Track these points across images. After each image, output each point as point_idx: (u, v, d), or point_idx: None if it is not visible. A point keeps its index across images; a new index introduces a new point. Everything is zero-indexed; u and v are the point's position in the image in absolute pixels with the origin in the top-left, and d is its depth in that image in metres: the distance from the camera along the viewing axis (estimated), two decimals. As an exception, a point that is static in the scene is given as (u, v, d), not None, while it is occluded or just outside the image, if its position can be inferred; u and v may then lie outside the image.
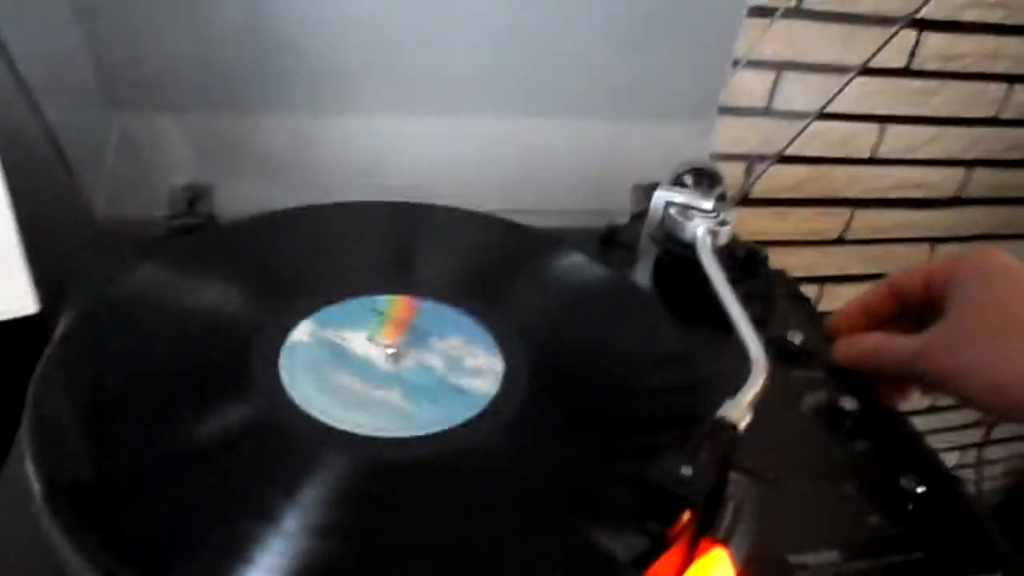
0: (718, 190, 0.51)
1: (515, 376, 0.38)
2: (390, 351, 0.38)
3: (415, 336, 0.40)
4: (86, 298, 0.40)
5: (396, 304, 0.42)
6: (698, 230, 0.47)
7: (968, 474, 1.12)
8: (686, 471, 0.30)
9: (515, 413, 0.36)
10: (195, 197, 0.50)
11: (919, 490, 0.36)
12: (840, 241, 0.95)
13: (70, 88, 0.50)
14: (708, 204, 0.49)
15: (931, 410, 1.10)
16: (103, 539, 0.28)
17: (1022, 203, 0.99)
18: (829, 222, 0.93)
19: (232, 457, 0.32)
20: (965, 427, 1.16)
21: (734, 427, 0.34)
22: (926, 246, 0.99)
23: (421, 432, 0.34)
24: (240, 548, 0.28)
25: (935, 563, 0.34)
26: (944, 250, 0.99)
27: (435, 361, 0.38)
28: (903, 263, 0.98)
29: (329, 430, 0.34)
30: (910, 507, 0.36)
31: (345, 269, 0.45)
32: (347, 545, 0.30)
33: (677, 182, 0.53)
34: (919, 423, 0.44)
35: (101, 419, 0.33)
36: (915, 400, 0.46)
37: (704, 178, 0.53)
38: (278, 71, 0.55)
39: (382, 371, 0.37)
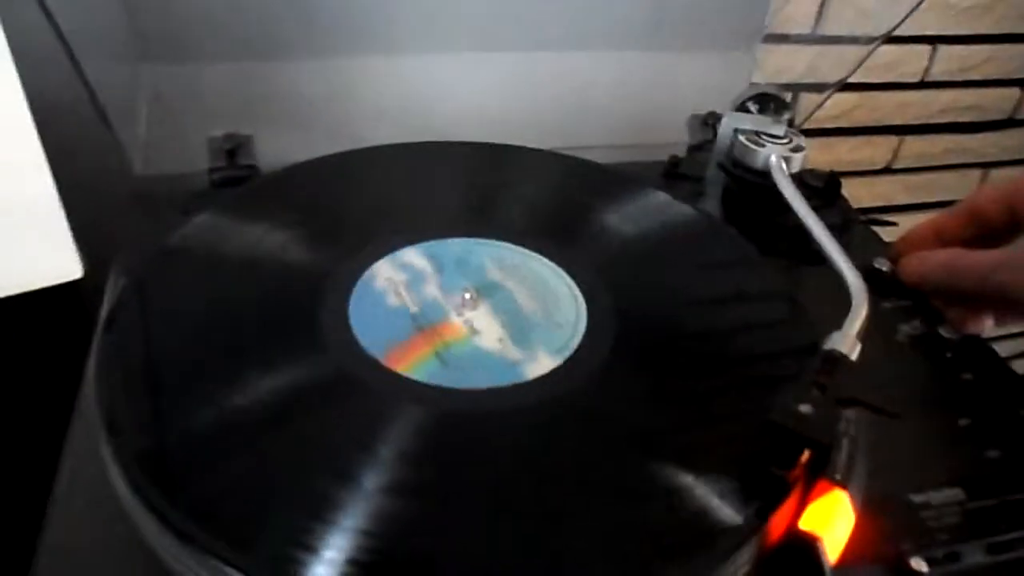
0: (787, 115, 0.48)
1: (602, 319, 0.35)
2: (468, 295, 0.35)
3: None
4: (142, 254, 0.38)
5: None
6: (772, 156, 0.44)
7: None
8: (806, 409, 0.28)
9: (608, 359, 0.33)
10: (235, 148, 0.48)
11: (1040, 420, 0.34)
12: (887, 170, 0.91)
13: (102, 42, 0.47)
14: (780, 129, 0.46)
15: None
16: (182, 504, 0.26)
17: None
18: (876, 151, 0.89)
19: (306, 414, 0.30)
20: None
21: (846, 359, 0.31)
22: (977, 172, 0.95)
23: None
24: (319, 509, 0.26)
25: (1069, 498, 0.32)
26: (997, 175, 0.95)
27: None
28: (952, 191, 0.95)
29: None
30: (1030, 439, 0.34)
31: (410, 212, 0.42)
32: (433, 504, 0.28)
33: (741, 109, 0.50)
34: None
35: (169, 381, 0.31)
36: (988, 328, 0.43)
37: (770, 103, 0.49)
38: (309, 16, 0.52)
39: (444, 308, 0.35)
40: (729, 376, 0.34)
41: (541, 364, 0.33)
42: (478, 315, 0.35)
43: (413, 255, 0.39)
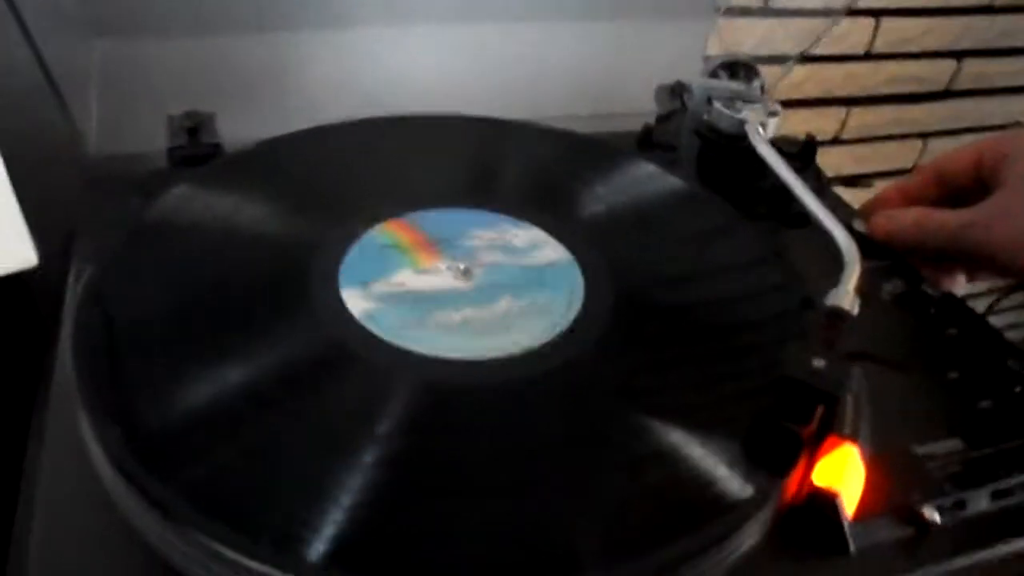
0: (758, 81, 0.48)
1: (596, 291, 0.35)
2: (461, 266, 0.34)
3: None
4: (113, 233, 0.35)
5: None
6: (749, 120, 0.44)
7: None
8: (818, 364, 0.28)
9: (609, 323, 0.33)
10: (196, 126, 0.45)
11: (1028, 370, 0.35)
12: (836, 141, 0.93)
13: (51, 18, 0.44)
14: (755, 94, 0.46)
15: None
16: (173, 489, 0.25)
17: (1013, 93, 0.98)
18: (826, 122, 0.90)
19: (302, 389, 0.29)
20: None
21: (848, 314, 0.31)
22: (918, 142, 0.98)
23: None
24: (319, 487, 0.25)
25: (1062, 442, 0.32)
26: (935, 145, 0.98)
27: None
28: (896, 161, 0.97)
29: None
30: (1018, 389, 0.35)
31: (392, 186, 0.41)
32: (434, 477, 0.27)
33: (712, 77, 0.50)
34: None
35: (153, 364, 0.29)
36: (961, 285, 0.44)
37: (740, 71, 0.49)
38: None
39: (453, 290, 0.34)
40: (730, 339, 0.34)
41: (450, 349, 0.32)
42: (462, 284, 0.35)
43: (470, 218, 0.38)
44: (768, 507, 0.27)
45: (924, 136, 0.97)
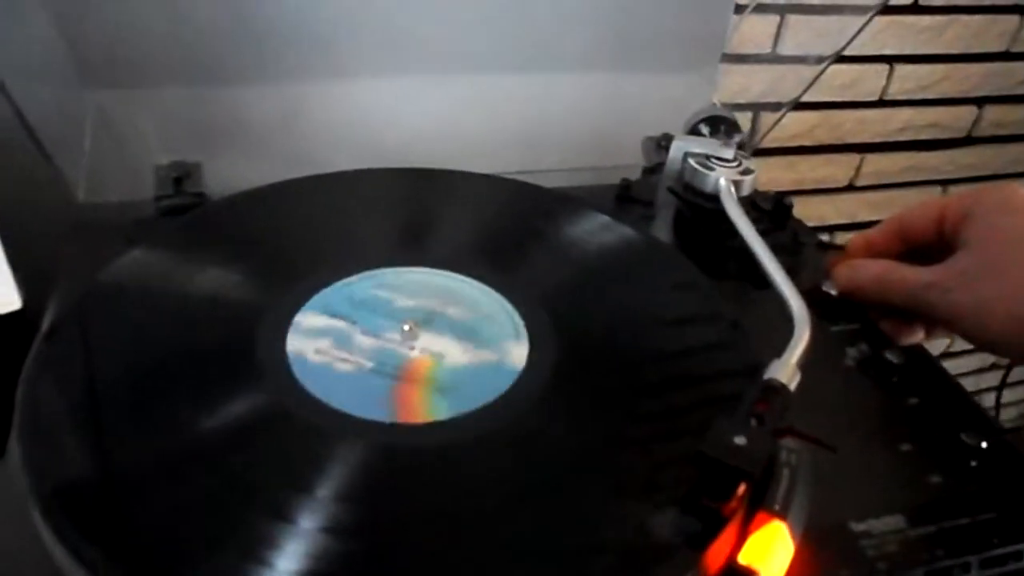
0: (737, 138, 0.49)
1: (541, 348, 0.35)
2: (405, 327, 0.35)
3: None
4: (74, 287, 0.37)
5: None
6: (721, 180, 0.44)
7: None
8: (740, 440, 0.28)
9: (545, 389, 0.33)
10: (182, 176, 0.47)
11: (982, 445, 0.34)
12: (850, 188, 0.92)
13: (41, 70, 0.46)
14: (729, 153, 0.46)
15: (944, 356, 1.08)
16: (103, 546, 0.25)
17: (1035, 140, 0.96)
18: (838, 169, 0.90)
19: (239, 452, 0.30)
20: (981, 371, 1.14)
21: (785, 389, 0.31)
22: (937, 189, 0.96)
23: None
24: (252, 550, 0.26)
25: (1008, 524, 0.32)
26: (956, 191, 0.97)
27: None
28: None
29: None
30: (973, 464, 0.34)
31: (351, 243, 0.42)
32: (372, 543, 0.27)
33: (693, 132, 0.50)
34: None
35: (95, 416, 0.30)
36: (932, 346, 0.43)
37: (721, 126, 0.50)
38: (258, 40, 0.52)
39: (395, 351, 0.35)
40: (667, 402, 0.34)
41: (517, 353, 0.34)
42: (428, 342, 0.35)
43: (315, 318, 0.36)
44: (688, 582, 0.27)
45: (944, 183, 0.96)
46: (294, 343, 0.34)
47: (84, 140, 0.48)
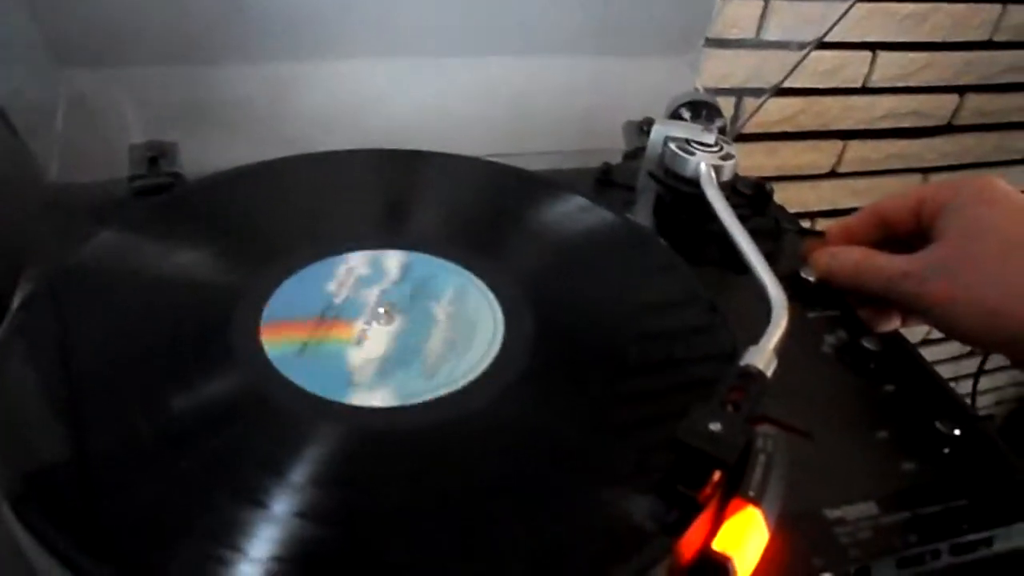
0: (719, 123, 0.48)
1: (517, 332, 0.35)
2: (381, 310, 0.34)
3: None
4: (43, 270, 0.36)
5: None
6: (701, 165, 0.44)
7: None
8: (715, 427, 0.28)
9: (521, 373, 0.33)
10: (158, 156, 0.46)
11: (955, 432, 0.34)
12: (832, 175, 0.92)
13: (11, 46, 0.45)
14: (710, 137, 0.46)
15: (924, 343, 1.09)
16: (71, 532, 0.25)
17: (1015, 128, 0.97)
18: (821, 155, 0.90)
19: (213, 436, 0.29)
20: (960, 358, 1.15)
21: (761, 375, 0.31)
22: (918, 176, 0.97)
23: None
24: (228, 536, 0.26)
25: (978, 511, 0.32)
26: (937, 179, 0.97)
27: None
28: (896, 195, 0.96)
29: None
30: (946, 451, 0.34)
31: (329, 224, 0.41)
32: (348, 529, 0.27)
33: (674, 116, 0.50)
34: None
35: (63, 401, 0.30)
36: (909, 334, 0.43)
37: (702, 111, 0.49)
38: (242, 17, 0.51)
39: (363, 322, 0.34)
40: (644, 387, 0.34)
41: (371, 398, 0.31)
42: (381, 330, 0.34)
43: (394, 259, 0.38)
44: (661, 568, 0.27)
45: (925, 171, 0.96)
46: (268, 326, 0.34)
47: (56, 119, 0.47)
